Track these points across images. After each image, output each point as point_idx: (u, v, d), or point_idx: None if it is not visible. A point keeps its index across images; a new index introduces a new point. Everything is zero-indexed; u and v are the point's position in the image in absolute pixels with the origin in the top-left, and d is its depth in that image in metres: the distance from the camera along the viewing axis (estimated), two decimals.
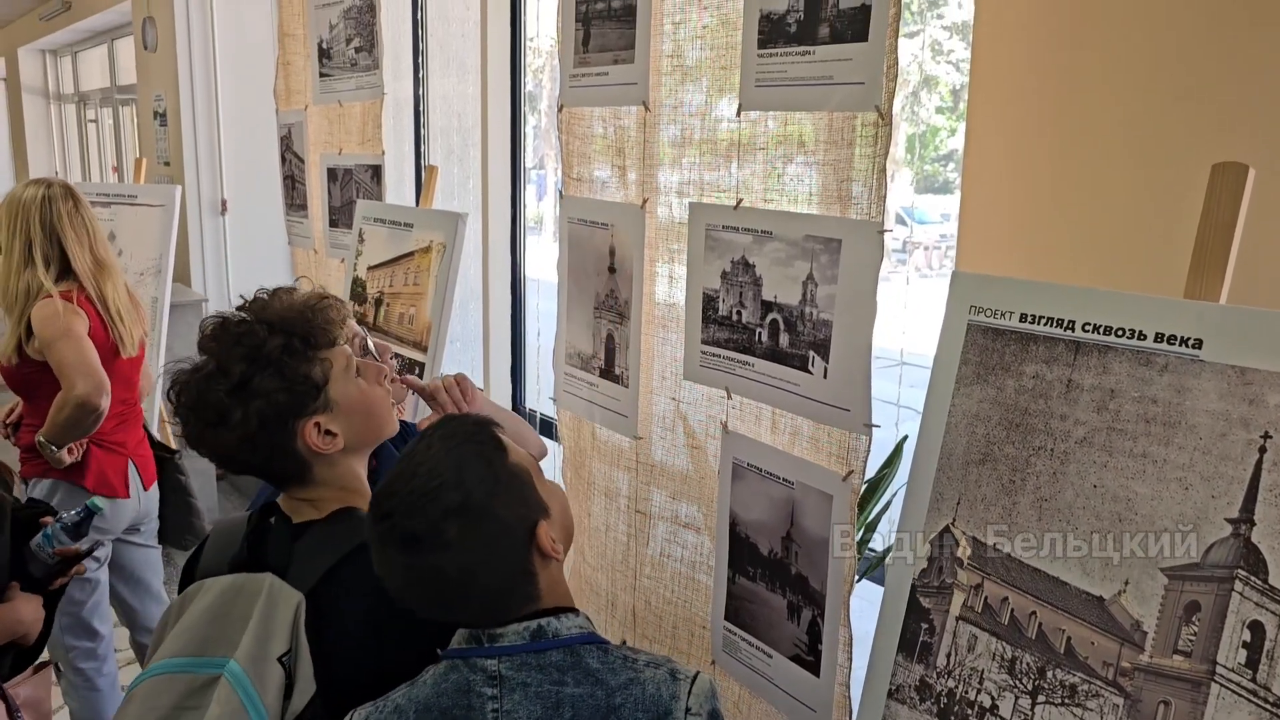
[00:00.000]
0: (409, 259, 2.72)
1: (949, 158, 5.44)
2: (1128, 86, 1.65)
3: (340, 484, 1.40)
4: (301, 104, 3.66)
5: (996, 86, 1.86)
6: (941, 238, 9.87)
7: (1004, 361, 1.40)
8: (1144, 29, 1.62)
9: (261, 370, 1.31)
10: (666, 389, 2.23)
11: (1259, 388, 1.15)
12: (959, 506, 1.43)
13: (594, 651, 1.19)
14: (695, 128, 2.08)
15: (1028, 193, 1.81)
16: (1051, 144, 1.77)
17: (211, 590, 1.33)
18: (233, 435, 1.32)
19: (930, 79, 4.63)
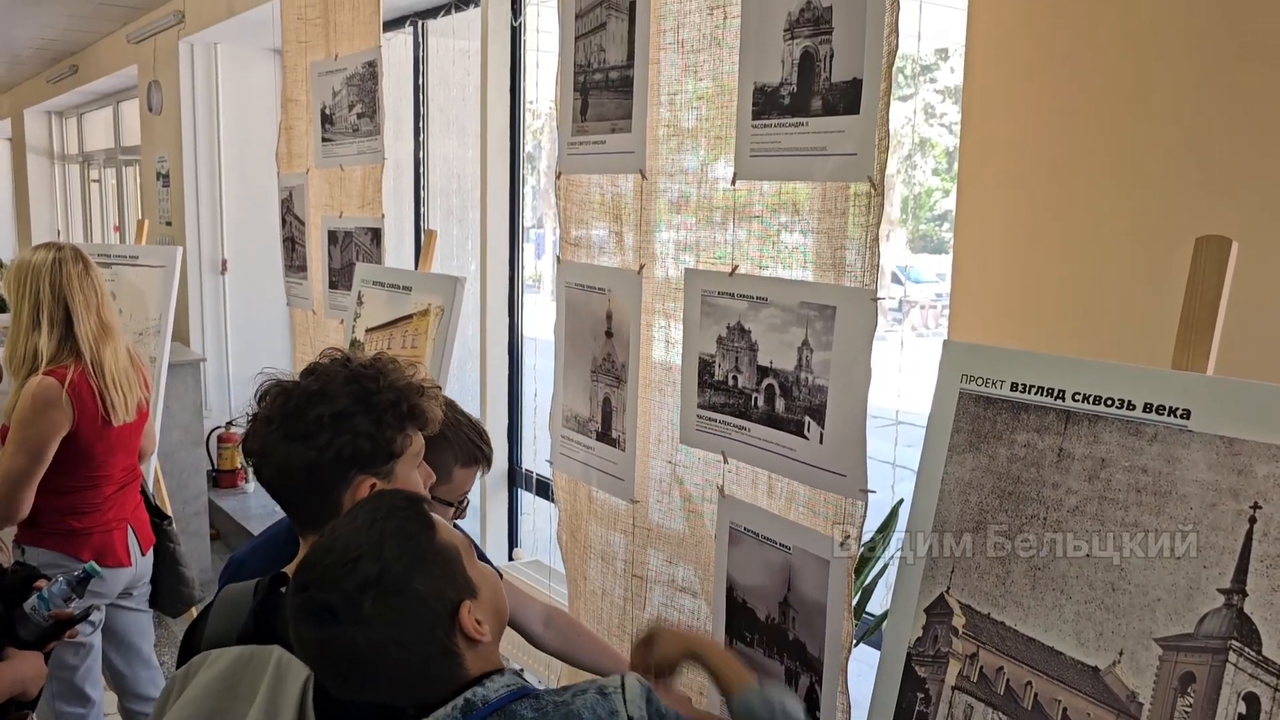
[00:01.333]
0: (407, 322, 2.74)
1: (944, 218, 5.49)
2: (1117, 156, 1.69)
3: None
4: (303, 167, 3.71)
5: (987, 156, 1.90)
6: (937, 297, 9.92)
7: (995, 430, 1.42)
8: (1133, 100, 1.66)
9: (363, 413, 1.36)
10: (663, 452, 2.24)
11: (1247, 458, 1.17)
12: (953, 575, 1.43)
13: (526, 704, 1.16)
14: (691, 193, 2.11)
15: (1019, 262, 1.83)
16: (1041, 213, 1.80)
17: (219, 662, 1.31)
18: (306, 456, 1.33)
19: (925, 141, 4.71)
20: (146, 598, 3.05)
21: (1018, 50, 1.85)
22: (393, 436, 1.39)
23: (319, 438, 1.34)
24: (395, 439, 1.39)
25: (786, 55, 1.84)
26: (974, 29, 1.91)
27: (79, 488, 2.72)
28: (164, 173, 6.15)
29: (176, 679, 1.35)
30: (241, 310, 5.95)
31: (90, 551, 2.75)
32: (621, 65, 2.22)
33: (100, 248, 4.82)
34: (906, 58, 1.64)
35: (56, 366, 2.61)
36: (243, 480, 5.85)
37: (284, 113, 3.85)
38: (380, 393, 1.38)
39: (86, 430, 2.65)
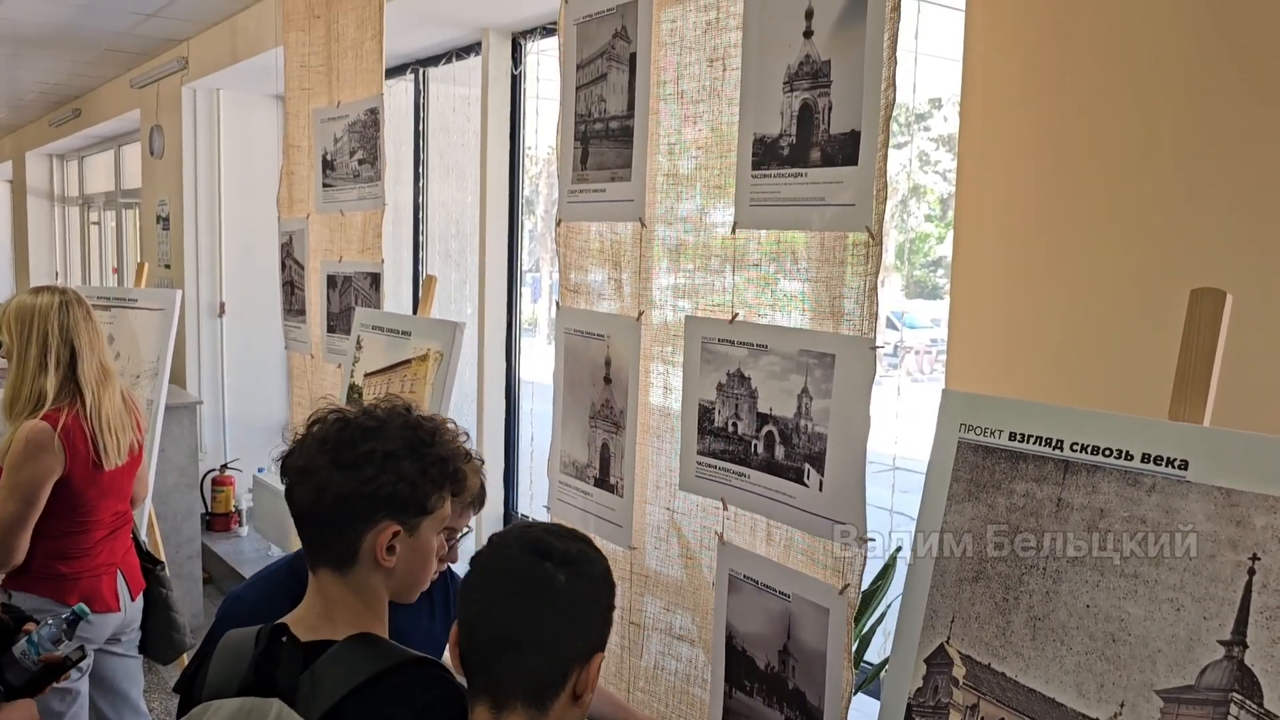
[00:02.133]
0: (406, 366, 2.75)
1: (938, 263, 5.54)
2: (1112, 206, 1.71)
3: (364, 598, 1.40)
4: (304, 212, 3.74)
5: (982, 205, 1.93)
6: (932, 342, 9.94)
7: (994, 479, 1.42)
8: (1128, 151, 1.69)
9: (412, 459, 1.39)
10: (661, 499, 2.24)
11: (1245, 509, 1.17)
12: (953, 624, 1.43)
13: None
14: (690, 241, 2.13)
15: (1015, 311, 1.85)
16: (1037, 262, 1.82)
17: (219, 713, 1.31)
18: (346, 485, 1.35)
19: (919, 188, 4.76)
20: (136, 643, 3.02)
21: (1012, 100, 1.89)
22: (430, 491, 1.42)
23: (364, 470, 1.36)
24: (432, 495, 1.42)
25: (786, 107, 1.87)
26: (969, 79, 1.94)
27: (69, 532, 2.71)
28: (164, 216, 6.19)
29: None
30: (238, 353, 5.96)
31: (78, 596, 2.73)
32: (622, 115, 2.26)
33: (99, 290, 4.83)
34: (901, 107, 1.67)
35: (50, 410, 2.61)
36: (236, 524, 5.82)
37: (286, 158, 3.88)
38: (433, 446, 1.42)
39: (78, 474, 2.64)
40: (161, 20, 5.39)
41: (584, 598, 1.25)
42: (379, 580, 1.41)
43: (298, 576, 1.74)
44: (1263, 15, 1.53)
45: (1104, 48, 1.73)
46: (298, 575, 1.75)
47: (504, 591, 1.23)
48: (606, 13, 2.28)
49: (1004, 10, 1.89)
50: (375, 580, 1.40)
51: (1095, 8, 1.74)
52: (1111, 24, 1.72)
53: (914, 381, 9.94)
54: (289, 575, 1.76)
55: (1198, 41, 1.60)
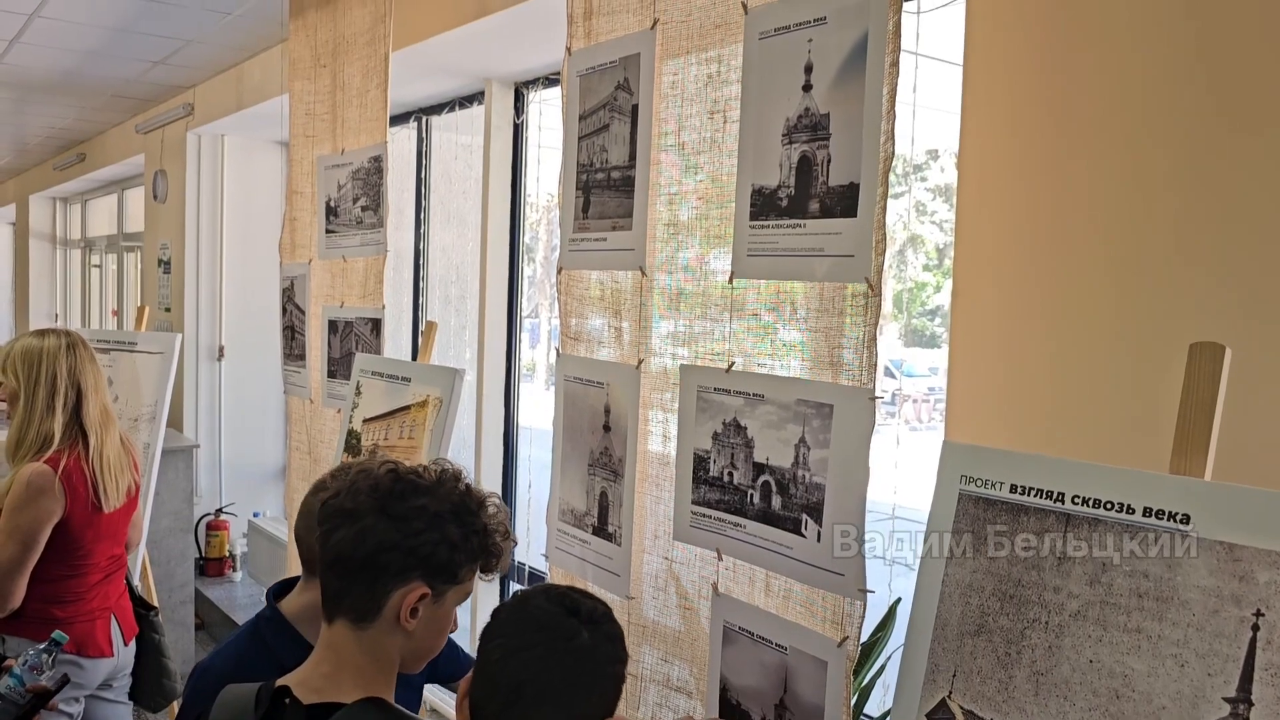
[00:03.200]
0: (405, 412, 2.75)
1: (935, 312, 5.57)
2: (1111, 258, 1.72)
3: (376, 659, 1.37)
4: (306, 258, 3.76)
5: (980, 257, 1.94)
6: (930, 390, 9.96)
7: (996, 532, 1.41)
8: (1126, 202, 1.70)
9: (458, 525, 1.38)
10: (659, 548, 2.23)
11: (1248, 564, 1.16)
12: (955, 679, 1.41)
13: None
14: (689, 289, 2.14)
15: (1014, 362, 1.85)
16: (1035, 313, 1.83)
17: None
18: (389, 535, 1.34)
19: (916, 238, 4.79)
20: (126, 689, 2.99)
21: (1009, 152, 1.90)
22: (465, 560, 1.40)
23: (410, 524, 1.35)
24: (465, 564, 1.40)
25: (784, 159, 1.88)
26: (966, 131, 1.96)
27: (64, 576, 2.69)
28: (165, 259, 6.22)
29: None
30: (236, 397, 5.96)
31: (72, 641, 2.70)
32: (623, 165, 2.28)
33: (99, 333, 4.84)
34: (899, 158, 1.69)
35: (53, 453, 2.61)
36: (230, 569, 5.78)
37: (289, 204, 3.91)
38: (479, 516, 1.41)
39: (77, 517, 2.63)
40: (168, 67, 5.46)
41: (605, 656, 1.27)
42: (395, 643, 1.38)
43: (263, 641, 1.73)
44: (1264, 77, 1.55)
45: (1100, 101, 1.75)
46: (263, 640, 1.73)
47: (531, 640, 1.23)
48: (609, 65, 2.31)
49: (1000, 64, 1.92)
50: (391, 642, 1.37)
51: (1090, 62, 1.77)
52: (1107, 77, 1.74)
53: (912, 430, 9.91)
54: (253, 641, 1.74)
55: (1196, 98, 1.62)
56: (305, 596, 1.79)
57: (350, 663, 1.36)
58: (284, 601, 1.81)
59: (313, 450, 3.70)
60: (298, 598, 1.80)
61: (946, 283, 3.95)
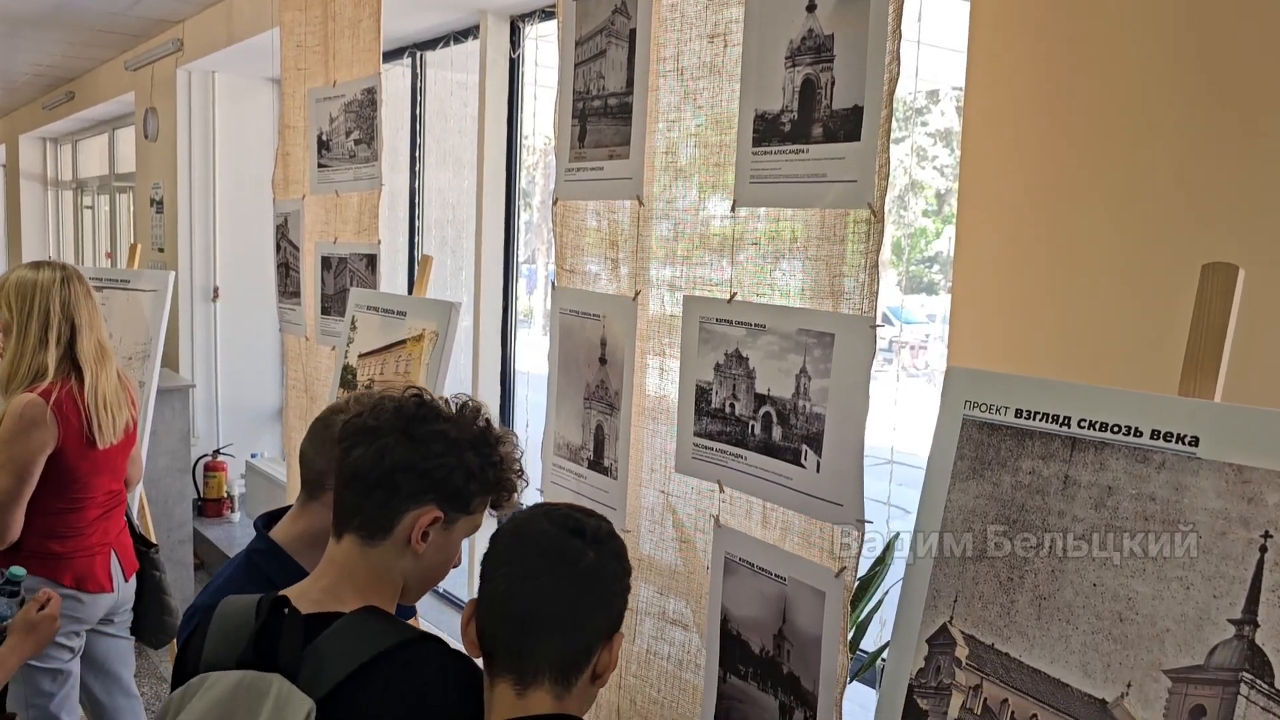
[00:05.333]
0: (400, 347, 2.72)
1: (934, 259, 5.53)
2: (1119, 183, 1.68)
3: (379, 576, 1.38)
4: (299, 193, 3.70)
5: (987, 184, 1.90)
6: (927, 337, 9.96)
7: (1000, 457, 1.39)
8: (1133, 128, 1.66)
9: (475, 454, 1.40)
10: (656, 482, 2.21)
11: (1257, 486, 1.14)
12: (956, 604, 1.40)
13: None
14: (688, 222, 2.10)
15: (1019, 290, 1.82)
16: (1042, 240, 1.79)
17: (216, 687, 1.27)
18: (408, 456, 1.35)
19: (916, 183, 4.74)
20: (128, 625, 3.00)
21: (1020, 63, 1.86)
22: (479, 490, 1.42)
23: (429, 447, 1.37)
24: (478, 495, 1.42)
25: (787, 83, 1.83)
26: (974, 49, 1.91)
27: (62, 510, 2.68)
28: (158, 199, 6.15)
29: (174, 699, 1.31)
30: (232, 339, 5.92)
31: (71, 576, 2.71)
32: (620, 92, 2.22)
33: (92, 271, 4.79)
34: (899, 101, 1.65)
35: (45, 385, 2.58)
36: (228, 510, 5.79)
37: (281, 139, 3.84)
38: (496, 450, 1.44)
39: (71, 449, 2.61)
40: (157, 0, 5.35)
41: (611, 574, 1.25)
42: (402, 565, 1.39)
43: (260, 572, 1.71)
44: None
45: (1109, 22, 1.70)
46: (260, 571, 1.71)
47: (536, 566, 1.21)
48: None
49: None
50: (398, 564, 1.38)
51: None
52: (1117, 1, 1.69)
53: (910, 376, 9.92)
54: (249, 573, 1.72)
55: (1208, 17, 1.57)
56: (300, 524, 1.77)
57: (353, 578, 1.36)
58: (275, 530, 1.79)
59: (309, 388, 3.67)
60: (291, 525, 1.78)
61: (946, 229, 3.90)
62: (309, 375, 3.65)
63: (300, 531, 1.76)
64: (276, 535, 1.77)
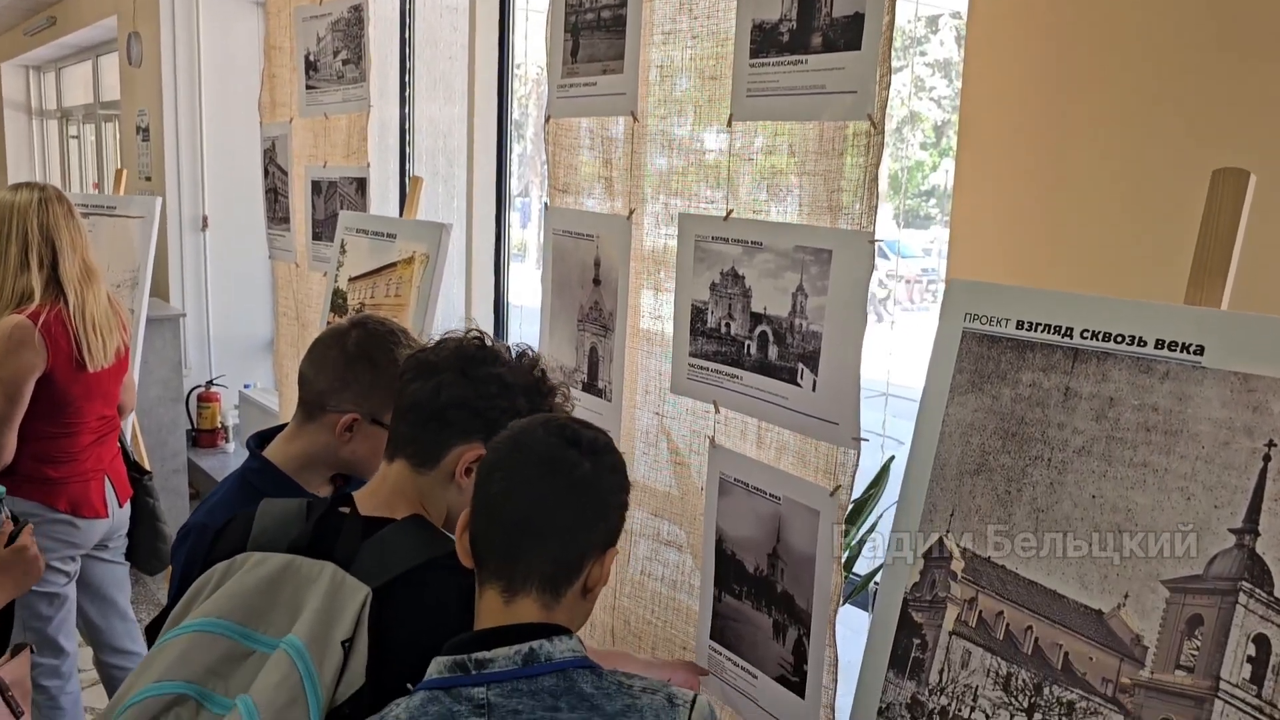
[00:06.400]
0: (391, 270, 2.68)
1: (931, 193, 5.46)
2: (1123, 91, 1.64)
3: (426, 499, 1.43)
4: (287, 116, 3.63)
5: (989, 93, 1.85)
6: (923, 272, 9.95)
7: (1000, 370, 1.37)
8: (1140, 33, 1.61)
9: (526, 400, 1.44)
10: (650, 404, 2.19)
11: (1263, 395, 1.12)
12: (953, 518, 1.39)
13: (588, 676, 1.15)
14: (684, 138, 2.05)
15: (1021, 201, 1.79)
16: (1045, 150, 1.75)
17: (265, 565, 1.32)
18: (464, 393, 1.40)
19: (914, 115, 4.66)
20: (123, 550, 3.00)
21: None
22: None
23: (485, 387, 1.41)
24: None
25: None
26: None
27: (55, 435, 2.67)
28: (144, 126, 6.04)
29: (216, 571, 1.35)
30: (222, 269, 5.86)
31: (66, 501, 2.71)
32: (614, 4, 2.15)
33: (78, 197, 4.71)
34: (898, 30, 1.59)
35: (33, 307, 2.55)
36: (223, 440, 5.78)
37: (267, 60, 3.75)
38: (548, 399, 1.48)
39: (61, 372, 2.59)
40: None
41: (606, 487, 1.23)
42: (445, 495, 1.44)
43: (257, 491, 1.69)
44: None
45: None
46: (257, 490, 1.69)
47: (531, 474, 1.19)
48: None
49: None
50: (442, 493, 1.44)
51: None
52: None
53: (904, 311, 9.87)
54: (245, 492, 1.70)
55: None
56: (297, 444, 1.75)
57: (404, 495, 1.42)
58: (270, 450, 1.77)
59: (300, 315, 3.64)
60: (288, 445, 1.76)
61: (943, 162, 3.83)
62: (300, 302, 3.61)
63: (297, 451, 1.75)
64: (271, 455, 1.76)
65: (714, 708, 1.17)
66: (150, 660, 1.32)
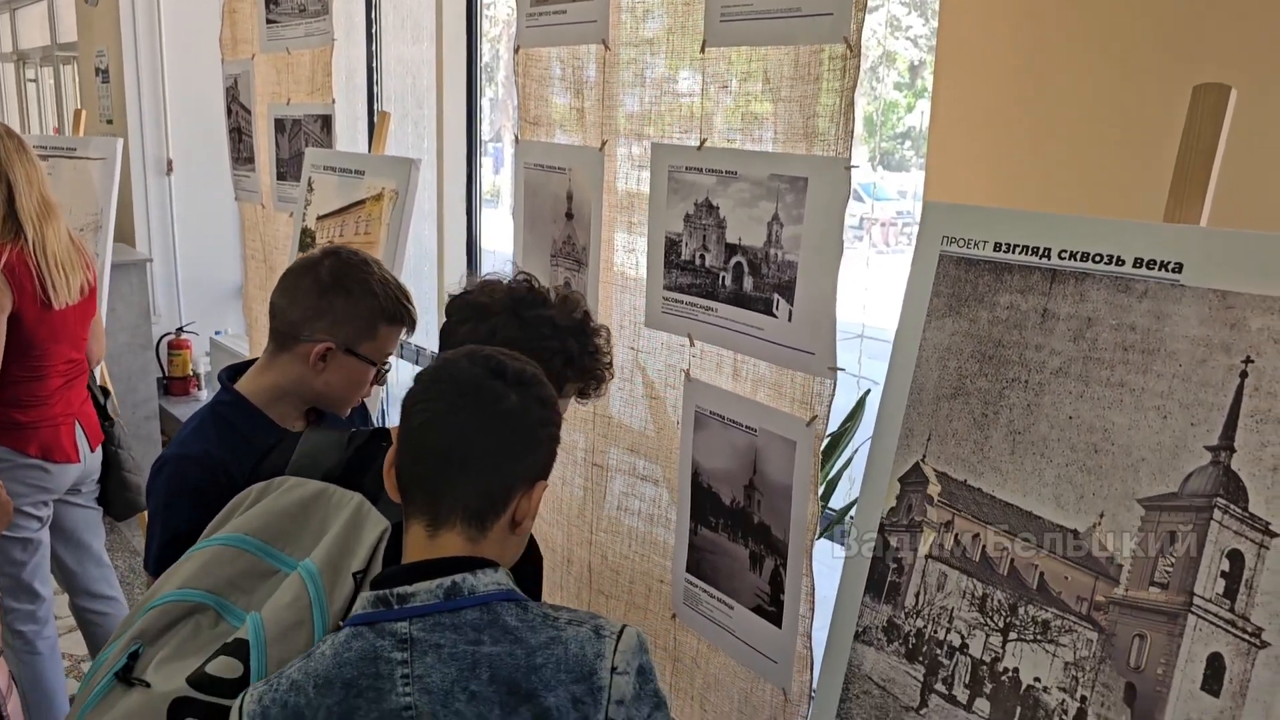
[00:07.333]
0: (360, 207, 2.63)
1: (906, 135, 5.41)
2: (1102, 7, 1.61)
3: None
4: (248, 53, 3.53)
5: (969, 10, 1.81)
6: (899, 214, 9.93)
7: (977, 292, 1.36)
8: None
9: (575, 343, 1.49)
10: (625, 338, 2.17)
11: (1241, 311, 1.11)
12: (929, 442, 1.38)
13: (512, 609, 1.13)
14: (657, 64, 2.01)
15: (999, 122, 1.76)
16: (1024, 71, 1.72)
17: (299, 489, 1.36)
18: (514, 335, 1.41)
19: (889, 54, 4.60)
20: (95, 495, 2.97)
21: None
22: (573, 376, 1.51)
23: (538, 330, 1.46)
24: (571, 379, 1.51)
25: None
26: None
27: (23, 379, 2.63)
28: (103, 68, 5.87)
29: (253, 491, 1.39)
30: (189, 213, 5.74)
31: (37, 446, 2.68)
32: None
33: (36, 139, 4.59)
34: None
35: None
36: (195, 387, 5.72)
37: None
38: (593, 340, 1.54)
39: (28, 313, 2.54)
40: None
41: (534, 419, 1.20)
42: None
43: (229, 424, 1.68)
44: None
45: None
46: (228, 423, 1.68)
47: (453, 404, 1.16)
48: None
49: None
50: None
51: None
52: None
53: (879, 254, 9.85)
54: (218, 425, 1.69)
55: None
56: (269, 376, 1.73)
57: None
58: (241, 383, 1.74)
59: (268, 258, 3.58)
60: (260, 377, 1.74)
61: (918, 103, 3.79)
62: (267, 244, 3.55)
63: (269, 384, 1.72)
64: (243, 387, 1.73)
65: (645, 639, 1.15)
66: (176, 569, 1.36)
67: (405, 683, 1.09)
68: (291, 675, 1.13)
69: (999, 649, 1.27)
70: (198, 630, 1.31)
